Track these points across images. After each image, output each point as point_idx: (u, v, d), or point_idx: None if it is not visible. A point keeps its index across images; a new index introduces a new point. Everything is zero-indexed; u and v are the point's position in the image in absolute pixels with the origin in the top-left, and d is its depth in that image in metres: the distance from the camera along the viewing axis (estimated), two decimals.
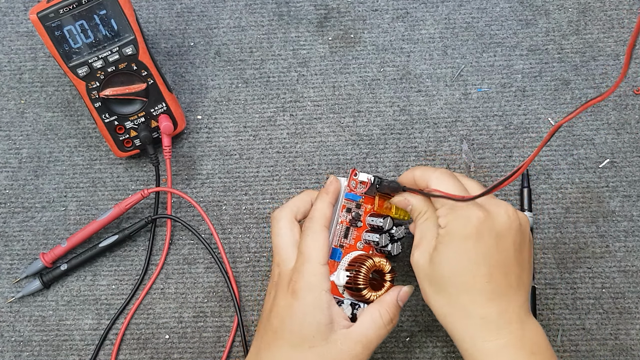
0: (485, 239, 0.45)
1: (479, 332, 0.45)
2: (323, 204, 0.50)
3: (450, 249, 0.46)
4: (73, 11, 0.55)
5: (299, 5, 0.66)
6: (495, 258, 0.45)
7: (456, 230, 0.45)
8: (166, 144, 0.60)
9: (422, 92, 0.64)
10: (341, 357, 0.47)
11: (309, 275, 0.48)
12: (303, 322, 0.47)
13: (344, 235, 0.52)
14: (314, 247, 0.49)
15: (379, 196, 0.53)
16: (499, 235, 0.45)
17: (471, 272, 0.45)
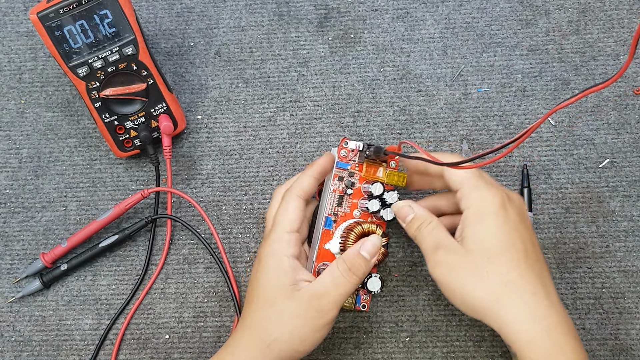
0: (512, 216, 0.46)
1: (534, 310, 0.44)
2: (303, 176, 0.52)
3: (485, 226, 0.46)
4: (73, 11, 0.55)
5: (299, 5, 0.66)
6: (524, 234, 0.46)
7: (486, 207, 0.46)
8: (166, 144, 0.60)
9: (422, 92, 0.64)
10: (300, 311, 0.48)
11: (273, 241, 0.50)
12: (266, 284, 0.49)
13: (337, 204, 0.53)
14: (282, 215, 0.51)
15: (369, 163, 0.54)
16: (520, 213, 0.47)
17: (513, 246, 0.45)
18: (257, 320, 0.49)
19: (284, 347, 0.48)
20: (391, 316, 0.58)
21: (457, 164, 0.43)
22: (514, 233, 0.46)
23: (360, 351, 0.58)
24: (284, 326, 0.48)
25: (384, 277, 0.59)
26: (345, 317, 0.58)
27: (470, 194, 0.47)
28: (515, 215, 0.47)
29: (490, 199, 0.46)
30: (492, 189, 0.47)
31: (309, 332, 0.48)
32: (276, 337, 0.48)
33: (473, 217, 0.46)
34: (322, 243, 0.53)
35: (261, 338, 0.48)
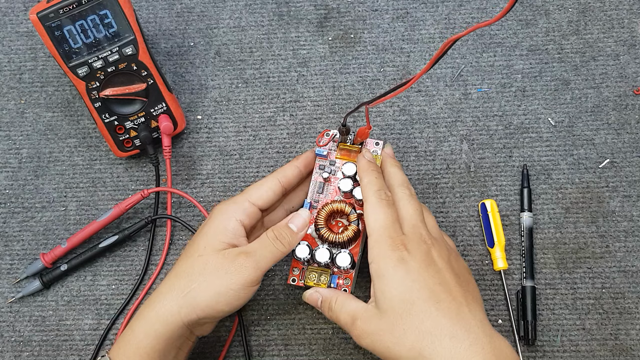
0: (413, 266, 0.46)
1: (454, 355, 0.44)
2: (289, 166, 0.54)
3: (387, 284, 0.46)
4: (73, 11, 0.55)
5: (299, 5, 0.66)
6: (429, 281, 0.46)
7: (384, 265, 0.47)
8: (166, 144, 0.60)
9: (422, 92, 0.64)
10: (224, 264, 0.49)
11: (232, 203, 0.52)
12: (203, 237, 0.50)
13: (318, 191, 0.55)
14: (255, 187, 0.53)
15: (343, 148, 0.55)
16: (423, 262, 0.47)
17: (419, 298, 0.45)
18: (182, 268, 0.50)
19: (200, 297, 0.48)
20: None
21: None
22: (418, 284, 0.46)
23: (360, 351, 0.58)
24: (205, 276, 0.49)
25: None
26: None
27: (372, 248, 0.48)
28: (418, 263, 0.46)
29: (388, 255, 0.47)
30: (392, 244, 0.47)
31: (227, 288, 0.48)
32: (194, 287, 0.49)
33: (375, 275, 0.47)
34: None
35: (180, 286, 0.49)
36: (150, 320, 0.49)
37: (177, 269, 0.50)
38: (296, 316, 0.59)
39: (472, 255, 0.59)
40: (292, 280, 0.54)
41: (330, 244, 0.53)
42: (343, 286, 0.53)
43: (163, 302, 0.49)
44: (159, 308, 0.49)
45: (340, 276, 0.54)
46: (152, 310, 0.49)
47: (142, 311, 0.50)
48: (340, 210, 0.53)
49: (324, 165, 0.56)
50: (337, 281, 0.53)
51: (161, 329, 0.48)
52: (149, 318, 0.49)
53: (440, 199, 0.61)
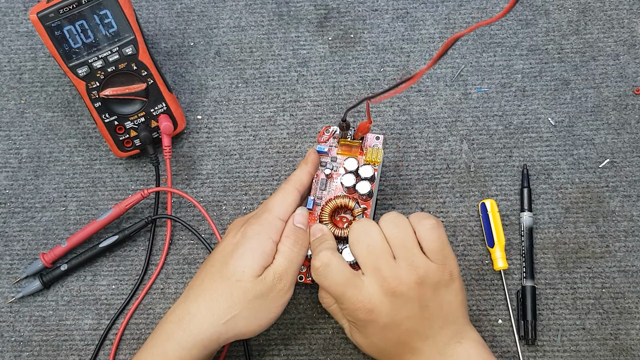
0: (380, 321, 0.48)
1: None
2: (301, 171, 0.53)
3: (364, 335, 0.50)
4: (73, 11, 0.55)
5: (299, 5, 0.66)
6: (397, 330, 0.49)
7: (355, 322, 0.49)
8: (166, 144, 0.60)
9: (422, 92, 0.64)
10: (263, 291, 0.49)
11: (264, 221, 0.51)
12: (241, 258, 0.49)
13: (321, 188, 0.55)
14: (279, 203, 0.52)
15: (344, 143, 0.55)
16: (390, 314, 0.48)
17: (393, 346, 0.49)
18: (219, 292, 0.49)
19: (242, 324, 0.49)
20: None
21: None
22: (388, 336, 0.49)
23: (360, 351, 0.58)
24: (246, 304, 0.48)
25: None
26: None
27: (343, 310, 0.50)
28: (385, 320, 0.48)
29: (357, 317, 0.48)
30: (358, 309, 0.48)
31: (269, 313, 0.50)
32: (236, 315, 0.48)
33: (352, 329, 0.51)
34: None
35: (220, 313, 0.48)
36: (186, 345, 0.48)
37: (212, 291, 0.49)
38: (296, 316, 0.59)
39: (472, 255, 0.59)
40: (299, 277, 0.54)
41: (335, 239, 0.53)
42: None
43: (200, 327, 0.48)
44: (197, 334, 0.48)
45: None
46: (189, 334, 0.48)
47: (173, 332, 0.48)
48: (344, 206, 0.53)
49: (326, 162, 0.56)
50: None
51: (197, 354, 0.48)
52: (184, 343, 0.48)
53: (440, 199, 0.61)
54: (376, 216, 0.60)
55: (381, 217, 0.50)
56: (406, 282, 0.48)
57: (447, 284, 0.49)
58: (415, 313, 0.48)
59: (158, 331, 0.49)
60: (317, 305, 0.59)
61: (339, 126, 0.54)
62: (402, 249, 0.49)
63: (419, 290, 0.48)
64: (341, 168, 0.55)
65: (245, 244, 0.50)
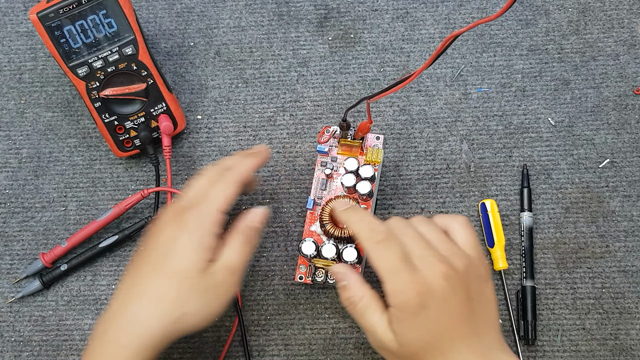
0: (431, 309, 0.45)
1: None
2: (247, 164, 0.52)
3: (407, 328, 0.45)
4: (73, 11, 0.55)
5: (299, 5, 0.66)
6: (447, 320, 0.45)
7: (404, 309, 0.45)
8: (166, 144, 0.60)
9: (422, 92, 0.64)
10: (212, 287, 0.48)
11: (204, 214, 0.49)
12: (183, 254, 0.48)
13: (321, 188, 0.55)
14: (220, 194, 0.49)
15: (344, 143, 0.55)
16: (442, 301, 0.45)
17: (437, 340, 0.45)
18: (164, 290, 0.47)
19: (193, 321, 0.47)
20: None
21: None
22: (437, 328, 0.45)
23: (360, 351, 0.58)
24: (196, 300, 0.47)
25: None
26: (346, 317, 0.58)
27: (390, 295, 0.45)
28: (437, 307, 0.45)
29: (408, 303, 0.45)
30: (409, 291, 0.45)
31: (217, 307, 0.48)
32: (185, 312, 0.47)
33: (396, 319, 0.46)
34: (308, 225, 0.55)
35: (167, 312, 0.47)
36: (133, 349, 0.46)
37: (157, 290, 0.47)
38: (296, 316, 0.59)
39: None
40: (299, 277, 0.54)
41: (335, 239, 0.53)
42: None
43: (148, 328, 0.46)
44: (145, 336, 0.46)
45: None
46: (135, 337, 0.46)
47: (118, 337, 0.46)
48: None
49: (326, 162, 0.56)
50: None
51: (147, 354, 0.46)
52: (131, 346, 0.46)
53: (440, 199, 0.61)
54: (377, 216, 0.60)
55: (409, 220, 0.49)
56: (457, 267, 0.46)
57: (486, 279, 0.48)
58: (464, 302, 0.46)
59: (102, 338, 0.47)
60: (317, 305, 0.59)
61: (339, 126, 0.55)
62: (442, 242, 0.48)
63: (466, 277, 0.46)
64: (341, 168, 0.56)
65: (186, 238, 0.48)
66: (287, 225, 0.61)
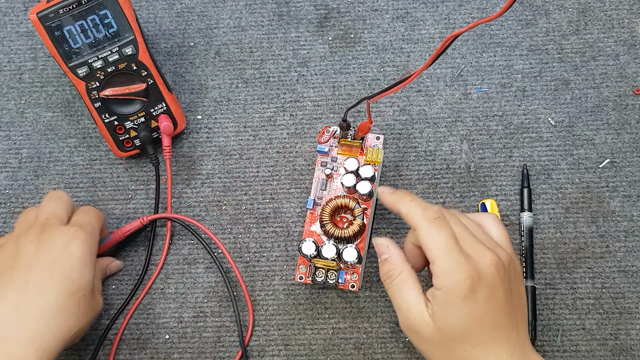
0: (479, 294, 0.44)
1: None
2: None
3: (453, 313, 0.45)
4: (73, 11, 0.55)
5: (299, 5, 0.66)
6: (492, 309, 0.45)
7: (453, 293, 0.44)
8: (166, 144, 0.60)
9: (422, 92, 0.64)
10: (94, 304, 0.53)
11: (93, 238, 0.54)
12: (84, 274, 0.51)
13: (321, 188, 0.55)
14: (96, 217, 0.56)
15: (344, 143, 0.56)
16: (490, 288, 0.45)
17: (479, 328, 0.45)
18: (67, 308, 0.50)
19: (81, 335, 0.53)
20: (391, 316, 0.58)
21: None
22: (481, 315, 0.45)
23: (360, 351, 0.58)
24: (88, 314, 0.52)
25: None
26: (346, 317, 0.58)
27: (440, 277, 0.45)
28: (485, 294, 0.45)
29: (459, 287, 0.44)
30: (462, 273, 0.44)
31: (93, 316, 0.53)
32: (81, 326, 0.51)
33: (441, 302, 0.45)
34: (308, 225, 0.55)
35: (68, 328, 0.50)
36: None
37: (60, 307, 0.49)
38: (296, 316, 0.59)
39: None
40: (299, 277, 0.54)
41: (336, 239, 0.53)
42: (351, 281, 0.54)
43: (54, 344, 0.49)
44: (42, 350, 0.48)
45: (348, 271, 0.54)
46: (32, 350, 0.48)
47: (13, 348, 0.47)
48: (344, 206, 0.53)
49: (326, 162, 0.56)
50: (344, 276, 0.54)
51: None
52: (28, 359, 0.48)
53: (440, 199, 0.61)
54: (377, 216, 0.60)
55: None
56: (501, 257, 0.46)
57: (520, 277, 0.48)
58: (508, 294, 0.45)
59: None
60: (317, 305, 0.59)
61: (339, 126, 0.55)
62: (484, 235, 0.47)
63: (508, 271, 0.46)
64: (341, 168, 0.56)
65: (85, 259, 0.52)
66: (287, 225, 0.61)
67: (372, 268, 0.59)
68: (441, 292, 0.45)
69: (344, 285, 0.54)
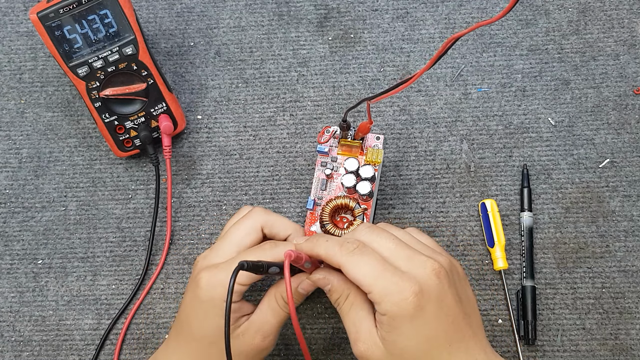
0: (427, 310, 0.42)
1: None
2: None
3: (402, 335, 0.42)
4: (73, 11, 0.55)
5: (299, 5, 0.66)
6: (444, 322, 0.43)
7: (400, 314, 0.42)
8: (166, 144, 0.60)
9: (422, 92, 0.64)
10: (242, 348, 0.47)
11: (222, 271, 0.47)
12: (204, 320, 0.47)
13: (321, 188, 0.56)
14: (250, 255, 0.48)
15: (344, 143, 0.56)
16: (437, 300, 0.42)
17: (435, 347, 0.42)
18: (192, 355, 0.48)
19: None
20: None
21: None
22: (434, 331, 0.42)
23: None
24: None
25: None
26: None
27: (381, 303, 0.42)
28: (433, 308, 0.42)
29: (404, 307, 0.41)
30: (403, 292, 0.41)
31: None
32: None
33: (389, 327, 0.42)
34: (308, 225, 0.55)
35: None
36: None
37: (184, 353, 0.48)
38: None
39: (472, 255, 0.59)
40: None
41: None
42: None
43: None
44: None
45: None
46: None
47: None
48: (344, 206, 0.54)
49: (326, 162, 0.56)
50: None
51: None
52: None
53: (440, 199, 0.61)
54: (377, 216, 0.60)
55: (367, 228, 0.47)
56: (442, 263, 0.43)
57: (465, 278, 0.46)
58: (457, 303, 0.43)
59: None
60: (317, 305, 0.59)
61: (339, 126, 0.55)
62: (417, 243, 0.46)
63: (451, 276, 0.44)
64: (341, 168, 0.56)
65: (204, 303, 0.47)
66: None
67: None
68: (386, 317, 0.42)
69: None
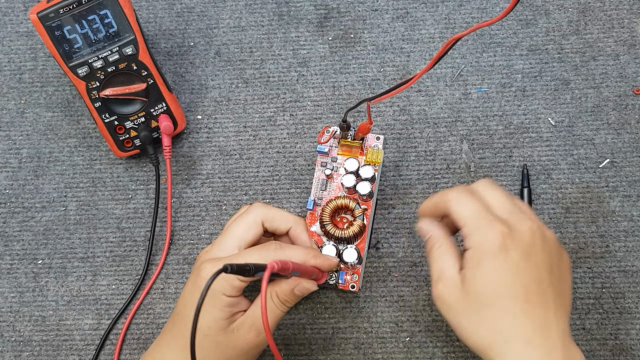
0: (513, 257, 0.43)
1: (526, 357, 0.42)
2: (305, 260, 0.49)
3: (482, 272, 0.43)
4: (73, 11, 0.55)
5: (299, 5, 0.66)
6: (526, 275, 0.43)
7: (484, 249, 0.43)
8: (166, 144, 0.60)
9: (422, 92, 0.64)
10: (236, 343, 0.47)
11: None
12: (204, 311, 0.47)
13: (321, 188, 0.56)
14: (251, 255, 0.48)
15: (344, 144, 0.56)
16: (524, 252, 0.43)
17: (509, 292, 0.42)
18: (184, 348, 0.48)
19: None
20: (391, 316, 0.58)
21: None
22: (512, 279, 0.42)
23: (360, 351, 0.58)
24: (217, 356, 0.47)
25: (384, 277, 0.59)
26: (346, 317, 0.58)
27: (471, 235, 0.44)
28: (518, 255, 0.43)
29: (490, 241, 0.43)
30: (494, 229, 0.43)
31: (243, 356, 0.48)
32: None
33: (471, 261, 0.43)
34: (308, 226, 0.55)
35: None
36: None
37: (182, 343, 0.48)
38: (296, 316, 0.59)
39: None
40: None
41: (336, 240, 0.53)
42: (351, 282, 0.54)
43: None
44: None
45: (348, 272, 0.54)
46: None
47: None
48: (344, 206, 0.54)
49: (326, 162, 0.56)
50: (344, 277, 0.54)
51: None
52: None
53: None
54: (377, 217, 0.60)
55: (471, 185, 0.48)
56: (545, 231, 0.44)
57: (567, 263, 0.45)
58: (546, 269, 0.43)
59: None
60: (317, 305, 0.59)
61: (339, 127, 0.55)
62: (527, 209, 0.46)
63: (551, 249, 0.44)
64: (341, 168, 0.56)
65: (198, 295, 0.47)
66: None
67: (371, 268, 0.59)
68: (471, 250, 0.43)
69: (344, 286, 0.54)
